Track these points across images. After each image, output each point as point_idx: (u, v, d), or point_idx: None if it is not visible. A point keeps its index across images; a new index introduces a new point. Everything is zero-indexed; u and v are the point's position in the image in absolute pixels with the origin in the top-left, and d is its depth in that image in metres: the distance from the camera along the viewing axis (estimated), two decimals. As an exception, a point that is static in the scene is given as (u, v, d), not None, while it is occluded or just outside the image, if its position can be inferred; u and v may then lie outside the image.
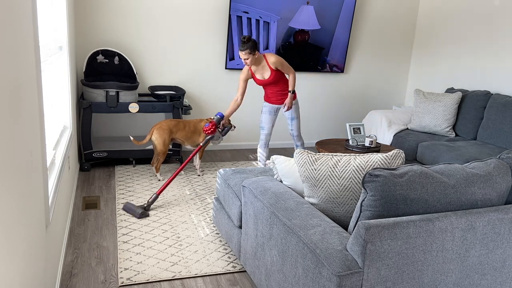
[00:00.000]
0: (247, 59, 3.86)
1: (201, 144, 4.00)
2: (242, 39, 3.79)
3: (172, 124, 4.14)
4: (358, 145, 3.92)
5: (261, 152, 4.32)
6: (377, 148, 3.90)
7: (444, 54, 5.37)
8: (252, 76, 4.07)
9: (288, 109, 4.08)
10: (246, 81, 4.09)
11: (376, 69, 5.85)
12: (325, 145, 4.00)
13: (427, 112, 4.70)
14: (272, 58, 3.92)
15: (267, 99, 4.20)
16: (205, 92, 5.17)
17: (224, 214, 2.87)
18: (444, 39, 5.35)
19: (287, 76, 4.21)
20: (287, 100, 4.04)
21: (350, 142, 3.99)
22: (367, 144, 3.91)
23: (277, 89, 4.10)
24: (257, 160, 4.98)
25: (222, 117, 4.06)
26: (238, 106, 4.15)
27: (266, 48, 5.19)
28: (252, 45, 3.81)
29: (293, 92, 4.03)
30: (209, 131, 4.00)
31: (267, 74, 3.99)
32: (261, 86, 4.29)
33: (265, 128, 4.24)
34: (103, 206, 3.54)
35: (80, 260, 2.73)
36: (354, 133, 4.01)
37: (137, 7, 4.69)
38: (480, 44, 4.87)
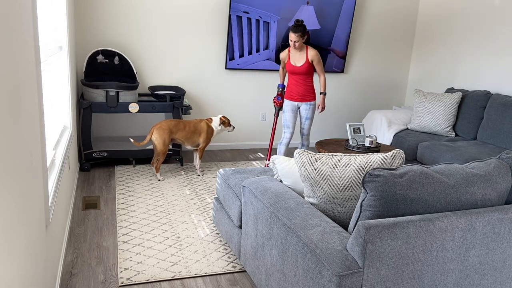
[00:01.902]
0: (297, 41, 3.98)
1: (276, 116, 4.41)
2: (296, 22, 3.93)
3: (172, 124, 4.14)
4: (358, 145, 3.92)
5: (280, 152, 4.40)
6: (377, 148, 3.90)
7: (444, 54, 5.37)
8: (288, 59, 4.20)
9: (322, 110, 4.29)
10: (283, 60, 4.31)
11: (376, 69, 5.85)
12: (325, 145, 4.00)
13: (427, 112, 4.70)
14: (312, 52, 4.09)
15: (289, 95, 4.30)
16: (205, 92, 5.17)
17: (224, 214, 2.87)
18: (444, 39, 5.35)
19: (313, 78, 4.40)
20: (321, 101, 4.26)
21: (350, 142, 3.99)
22: (367, 144, 3.91)
23: (302, 83, 4.20)
24: (257, 160, 4.97)
25: (284, 87, 4.37)
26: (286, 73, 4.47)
27: (266, 48, 5.19)
28: (304, 29, 3.96)
29: (325, 93, 4.26)
30: (281, 102, 4.38)
31: (300, 63, 4.12)
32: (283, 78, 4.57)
33: (290, 127, 4.33)
34: (103, 206, 3.54)
35: (80, 260, 2.73)
36: (354, 133, 4.01)
37: (137, 7, 4.69)
38: (480, 44, 4.87)
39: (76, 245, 2.91)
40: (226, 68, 5.11)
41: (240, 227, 2.63)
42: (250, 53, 5.15)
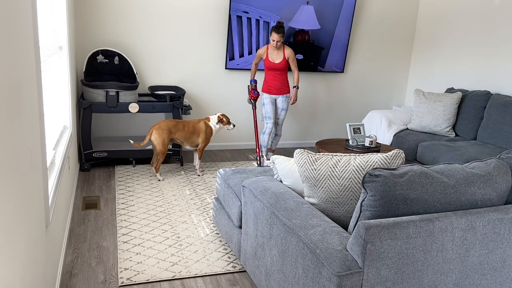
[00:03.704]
0: (279, 41, 4.44)
1: (254, 109, 4.72)
2: (278, 23, 4.42)
3: (171, 124, 4.14)
4: (358, 145, 3.92)
5: (264, 140, 4.74)
6: (377, 148, 3.90)
7: (444, 54, 5.37)
8: (266, 56, 4.59)
9: (294, 102, 4.71)
10: (260, 56, 4.67)
11: (376, 69, 5.85)
12: (325, 145, 4.00)
13: (427, 112, 4.70)
14: (288, 50, 4.58)
15: (267, 89, 4.68)
16: (205, 92, 5.17)
17: (224, 214, 2.87)
18: (444, 39, 5.35)
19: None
20: (293, 94, 4.69)
21: (350, 142, 3.99)
22: (367, 144, 3.91)
23: (279, 78, 4.63)
24: (256, 160, 4.97)
25: (256, 81, 4.71)
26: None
27: (266, 48, 5.18)
28: (284, 30, 4.44)
29: (298, 87, 4.69)
30: (258, 96, 4.70)
31: (278, 60, 4.56)
32: (261, 73, 5.02)
33: (271, 117, 4.70)
34: (103, 206, 3.54)
35: (80, 260, 2.73)
36: (354, 133, 4.01)
37: (137, 7, 4.69)
38: (480, 44, 4.87)
39: (76, 245, 2.91)
40: (226, 68, 5.11)
41: (240, 227, 2.63)
42: (250, 53, 5.15)
